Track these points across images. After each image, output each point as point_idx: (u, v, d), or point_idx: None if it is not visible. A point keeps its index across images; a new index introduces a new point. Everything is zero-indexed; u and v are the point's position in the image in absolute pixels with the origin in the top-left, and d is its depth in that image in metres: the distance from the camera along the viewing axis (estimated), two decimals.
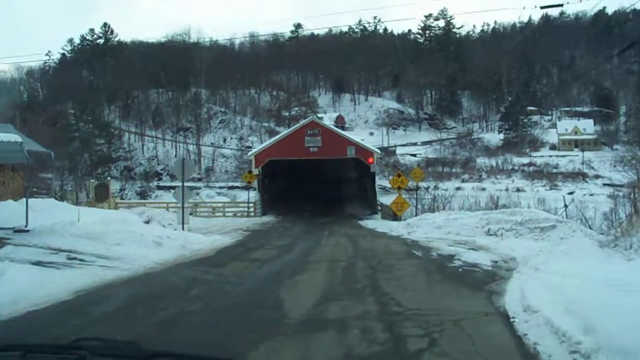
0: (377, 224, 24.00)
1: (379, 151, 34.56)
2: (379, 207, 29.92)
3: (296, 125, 35.49)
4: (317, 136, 30.99)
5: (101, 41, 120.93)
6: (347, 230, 21.24)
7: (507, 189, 60.58)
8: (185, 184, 16.92)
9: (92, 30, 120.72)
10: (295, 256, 13.24)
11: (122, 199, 76.78)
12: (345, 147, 31.20)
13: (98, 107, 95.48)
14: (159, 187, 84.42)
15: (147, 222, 14.96)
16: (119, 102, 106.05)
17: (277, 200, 34.49)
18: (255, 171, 31.08)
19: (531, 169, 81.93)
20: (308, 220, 27.70)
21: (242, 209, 31.12)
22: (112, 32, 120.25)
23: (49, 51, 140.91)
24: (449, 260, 11.59)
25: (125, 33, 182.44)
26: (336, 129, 36.10)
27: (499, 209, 18.35)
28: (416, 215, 22.48)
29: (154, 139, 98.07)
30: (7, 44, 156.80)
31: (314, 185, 37.81)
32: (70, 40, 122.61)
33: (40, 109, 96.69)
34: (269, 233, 20.89)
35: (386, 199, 30.38)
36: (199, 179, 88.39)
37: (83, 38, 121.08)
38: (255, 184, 31.27)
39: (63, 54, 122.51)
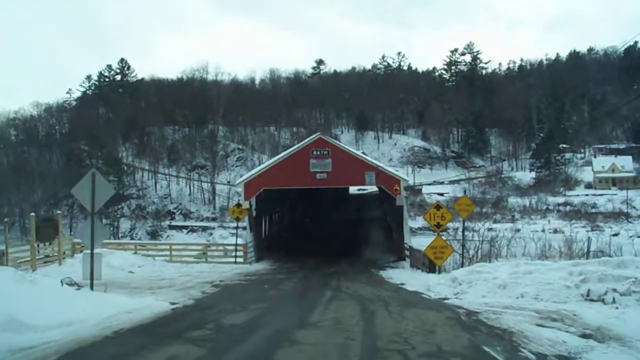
0: (405, 276, 17.82)
1: (406, 178, 28.23)
2: (408, 252, 23.01)
3: (299, 145, 27.92)
4: (326, 158, 23.99)
5: (118, 77, 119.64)
6: (362, 289, 15.02)
7: (543, 230, 55.36)
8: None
9: (109, 66, 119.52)
10: None
11: (132, 238, 72.97)
12: (362, 172, 24.50)
13: (111, 143, 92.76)
14: (171, 227, 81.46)
15: None
16: (134, 139, 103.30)
17: (277, 241, 28.89)
18: (246, 204, 24.19)
19: (567, 208, 76.89)
20: (311, 269, 21.65)
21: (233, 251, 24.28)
22: (128, 67, 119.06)
23: (69, 89, 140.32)
24: None
25: (143, 70, 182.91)
26: (352, 149, 29.86)
27: (594, 257, 12.64)
28: (462, 265, 16.34)
29: (168, 176, 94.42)
30: (26, 82, 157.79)
31: (325, 223, 32.63)
32: (89, 77, 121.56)
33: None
34: (242, 293, 14.73)
35: (415, 242, 24.30)
36: (214, 219, 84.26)
37: (100, 74, 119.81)
38: (246, 220, 24.92)
39: (84, 92, 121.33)
